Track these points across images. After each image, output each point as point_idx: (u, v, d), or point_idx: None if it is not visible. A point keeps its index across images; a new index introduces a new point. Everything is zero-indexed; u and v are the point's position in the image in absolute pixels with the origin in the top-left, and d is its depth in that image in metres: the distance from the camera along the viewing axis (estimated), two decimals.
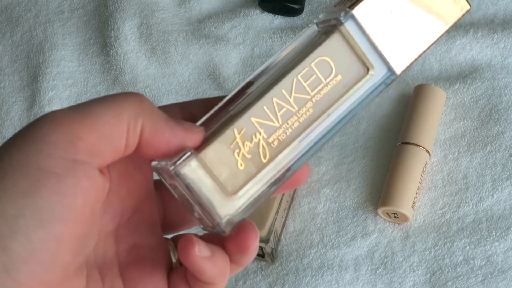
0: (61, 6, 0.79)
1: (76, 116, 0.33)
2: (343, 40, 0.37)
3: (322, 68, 0.37)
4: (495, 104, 0.70)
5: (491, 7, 0.75)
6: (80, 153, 0.32)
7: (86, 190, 0.33)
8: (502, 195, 0.66)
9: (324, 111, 0.37)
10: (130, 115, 0.34)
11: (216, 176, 0.36)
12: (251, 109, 0.36)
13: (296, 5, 0.76)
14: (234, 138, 0.36)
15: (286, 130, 0.37)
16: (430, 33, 0.38)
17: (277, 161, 0.36)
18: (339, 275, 0.64)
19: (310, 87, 0.37)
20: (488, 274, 0.63)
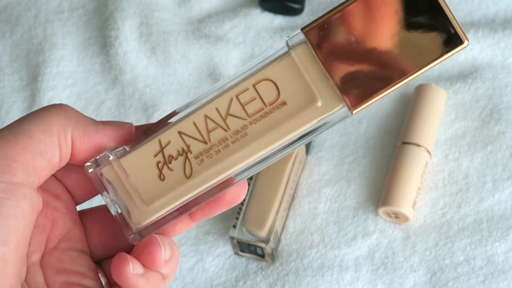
0: (61, 6, 0.79)
1: (8, 139, 0.34)
2: (293, 64, 0.33)
3: (266, 91, 0.33)
4: (496, 104, 0.69)
5: (492, 7, 0.75)
6: (17, 175, 0.33)
7: (26, 211, 0.34)
8: (503, 195, 0.66)
9: (261, 136, 0.33)
10: (59, 127, 0.35)
11: (132, 183, 0.35)
12: (180, 123, 0.34)
13: (296, 4, 0.76)
14: (158, 149, 0.34)
15: (216, 151, 0.34)
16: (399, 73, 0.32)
17: (200, 178, 0.34)
18: (339, 275, 0.64)
19: (249, 109, 0.33)
20: (489, 274, 0.63)
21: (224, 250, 0.66)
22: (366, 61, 0.31)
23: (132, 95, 0.74)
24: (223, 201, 0.37)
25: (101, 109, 0.74)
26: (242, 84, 0.33)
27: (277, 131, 0.33)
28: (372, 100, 0.32)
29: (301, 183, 0.68)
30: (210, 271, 0.66)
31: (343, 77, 0.32)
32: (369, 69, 0.31)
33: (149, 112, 0.73)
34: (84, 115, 0.37)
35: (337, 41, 0.32)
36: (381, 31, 0.31)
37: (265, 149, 0.34)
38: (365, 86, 0.32)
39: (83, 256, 0.39)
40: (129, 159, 0.35)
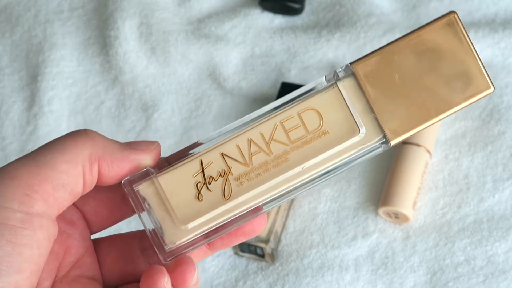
0: (60, 6, 0.79)
1: (29, 169, 0.34)
2: (338, 95, 0.35)
3: (310, 119, 0.35)
4: (496, 104, 0.69)
5: (492, 7, 0.75)
6: (35, 206, 0.33)
7: (41, 242, 0.34)
8: (503, 195, 0.66)
9: (301, 163, 0.35)
10: (84, 157, 0.35)
11: (168, 202, 0.35)
12: (224, 145, 0.35)
13: (296, 4, 0.76)
14: (198, 169, 0.35)
15: (256, 173, 0.35)
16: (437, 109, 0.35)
17: (238, 201, 0.35)
18: (339, 276, 0.64)
19: (292, 135, 0.35)
20: (489, 274, 0.63)
21: (224, 250, 0.66)
22: (407, 98, 0.34)
23: (132, 95, 0.74)
24: (243, 232, 0.37)
25: (101, 109, 0.74)
26: (287, 111, 0.35)
27: (317, 158, 0.35)
28: (409, 133, 0.35)
29: None
30: (210, 271, 0.66)
31: (385, 111, 0.34)
32: (409, 105, 0.34)
33: (149, 112, 0.73)
34: (111, 141, 0.36)
35: (383, 76, 0.34)
36: (423, 72, 0.34)
37: (304, 175, 0.35)
38: (403, 120, 0.34)
39: (93, 283, 0.38)
40: (167, 177, 0.35)
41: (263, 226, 0.37)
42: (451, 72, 0.34)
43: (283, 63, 0.74)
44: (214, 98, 0.74)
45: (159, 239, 0.36)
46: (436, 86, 0.34)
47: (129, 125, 0.73)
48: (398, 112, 0.34)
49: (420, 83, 0.34)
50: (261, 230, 0.37)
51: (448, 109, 0.34)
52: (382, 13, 0.75)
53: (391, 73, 0.34)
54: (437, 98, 0.34)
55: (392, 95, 0.34)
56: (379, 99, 0.34)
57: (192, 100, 0.74)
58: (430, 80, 0.34)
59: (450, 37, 0.34)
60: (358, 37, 0.74)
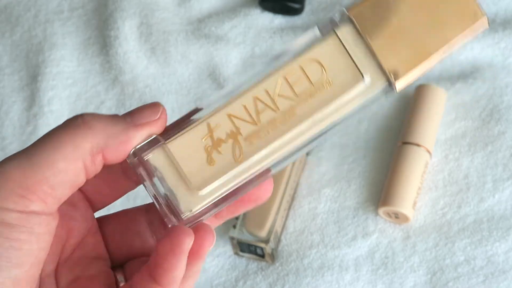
0: (60, 6, 0.79)
1: (24, 169, 0.33)
2: (338, 43, 0.34)
3: (312, 70, 0.34)
4: (496, 104, 0.69)
5: (492, 7, 0.75)
6: (32, 205, 0.33)
7: (41, 236, 0.33)
8: (503, 195, 0.66)
9: (309, 116, 0.34)
10: (85, 151, 0.33)
11: (181, 169, 0.34)
12: (230, 106, 0.34)
13: (296, 4, 0.76)
14: (206, 133, 0.34)
15: (265, 131, 0.34)
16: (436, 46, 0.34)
17: (250, 162, 0.34)
18: (339, 276, 0.64)
19: (296, 89, 0.34)
20: (489, 274, 0.63)
21: (224, 250, 0.66)
22: (406, 39, 0.34)
23: (132, 95, 0.74)
24: (251, 199, 0.36)
25: (101, 109, 0.74)
26: (288, 65, 0.34)
27: (324, 110, 0.34)
28: (412, 75, 0.34)
29: (301, 183, 0.68)
30: (210, 271, 0.66)
31: (386, 55, 0.34)
32: (409, 46, 0.34)
33: None
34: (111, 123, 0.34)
35: (380, 19, 0.34)
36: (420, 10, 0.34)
37: (313, 129, 0.34)
38: (406, 61, 0.34)
39: (96, 262, 0.38)
40: (176, 143, 0.34)
41: (269, 191, 0.36)
42: (446, 9, 0.34)
43: None
44: None
45: (174, 208, 0.34)
46: (433, 24, 0.34)
47: None
48: (400, 54, 0.34)
49: (417, 23, 0.34)
50: (267, 196, 0.36)
51: (445, 44, 0.34)
52: None
53: (388, 15, 0.34)
54: (435, 35, 0.34)
55: (391, 38, 0.34)
56: (378, 43, 0.34)
57: (192, 100, 0.74)
58: (426, 19, 0.34)
59: None
60: None
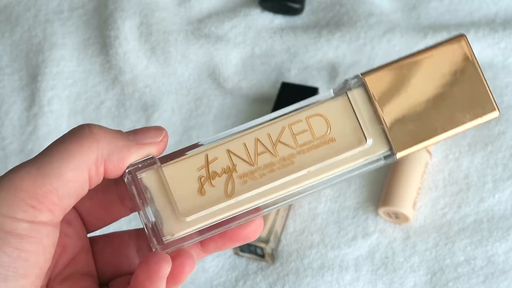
0: (60, 6, 0.79)
1: (35, 180, 0.33)
2: (347, 104, 0.35)
3: (318, 125, 0.35)
4: (497, 104, 0.69)
5: (492, 7, 0.75)
6: (41, 215, 0.34)
7: (47, 248, 0.34)
8: (503, 195, 0.66)
9: (306, 167, 0.35)
10: (91, 163, 0.34)
11: (171, 193, 0.35)
12: (230, 142, 0.35)
13: (296, 4, 0.76)
14: (203, 164, 0.35)
15: (260, 173, 0.35)
16: (443, 127, 0.35)
17: (240, 199, 0.35)
18: (339, 276, 0.64)
19: (299, 139, 0.35)
20: (489, 274, 0.63)
21: (224, 251, 0.66)
22: (414, 113, 0.35)
23: (132, 95, 0.74)
24: (239, 237, 0.37)
25: (101, 109, 0.74)
26: (296, 115, 0.35)
27: (322, 164, 0.35)
28: (414, 148, 0.35)
29: None
30: (210, 271, 0.66)
31: (393, 124, 0.35)
32: (416, 120, 0.35)
33: (149, 112, 0.73)
34: (115, 137, 0.35)
35: (392, 89, 0.35)
36: (432, 88, 0.35)
37: (307, 180, 0.35)
38: (411, 134, 0.35)
39: (86, 278, 0.39)
40: (172, 168, 0.35)
41: (258, 232, 0.37)
42: (458, 93, 0.35)
43: (283, 63, 0.74)
44: (214, 98, 0.74)
45: (157, 230, 0.35)
46: (444, 105, 0.35)
47: (129, 125, 0.73)
48: (406, 126, 0.35)
49: (428, 100, 0.35)
50: (256, 236, 0.37)
51: (453, 128, 0.35)
52: (382, 13, 0.75)
53: (401, 87, 0.35)
54: (444, 116, 0.35)
55: (400, 109, 0.35)
56: (387, 111, 0.35)
57: (192, 100, 0.74)
58: (438, 99, 0.35)
59: (460, 60, 0.35)
60: (358, 37, 0.74)
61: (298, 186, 0.35)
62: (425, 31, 0.73)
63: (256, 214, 0.36)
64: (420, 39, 0.73)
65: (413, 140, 0.35)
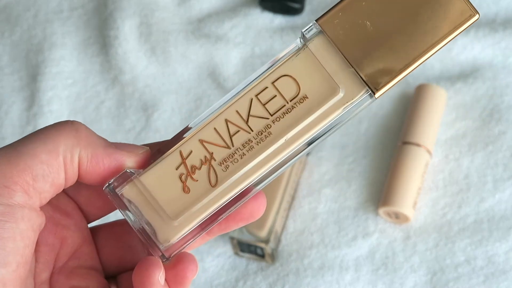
0: (60, 5, 0.79)
1: (9, 158, 0.33)
2: (311, 57, 0.33)
3: (286, 87, 0.33)
4: (497, 104, 0.69)
5: (493, 7, 0.75)
6: (16, 197, 0.33)
7: (25, 233, 0.33)
8: (504, 195, 0.66)
9: (285, 133, 0.33)
10: (66, 148, 0.34)
11: (155, 200, 0.34)
12: (201, 131, 0.33)
13: (296, 4, 0.76)
14: (180, 161, 0.33)
15: (240, 154, 0.33)
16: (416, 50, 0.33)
17: (226, 185, 0.33)
18: (339, 276, 0.64)
19: (270, 108, 0.33)
20: (490, 274, 0.63)
21: (224, 250, 0.66)
22: (383, 44, 0.32)
23: (132, 95, 0.74)
24: (243, 216, 0.36)
25: (101, 109, 0.74)
26: (260, 83, 0.33)
27: (301, 125, 0.33)
28: (392, 82, 0.33)
29: (301, 183, 0.68)
30: (210, 271, 0.66)
31: (363, 63, 0.32)
32: (387, 52, 0.32)
33: (149, 112, 0.73)
34: (97, 136, 0.35)
35: (352, 27, 0.32)
36: (395, 13, 0.32)
37: (292, 146, 0.33)
38: (384, 69, 0.32)
39: (92, 273, 0.38)
40: (150, 175, 0.34)
41: (262, 210, 0.35)
42: (427, 9, 0.32)
43: None
44: (214, 98, 0.74)
45: (152, 239, 0.34)
46: (411, 26, 0.32)
47: (129, 125, 0.73)
48: (377, 61, 0.32)
49: (394, 27, 0.32)
50: (261, 213, 0.36)
51: (429, 48, 0.32)
52: None
53: (361, 21, 0.32)
54: (415, 38, 0.32)
55: (366, 45, 0.32)
56: (354, 51, 0.32)
57: (192, 100, 0.74)
58: (404, 21, 0.32)
59: None
60: None
61: (283, 155, 0.33)
62: None
63: (250, 194, 0.35)
64: None
65: (389, 73, 0.33)
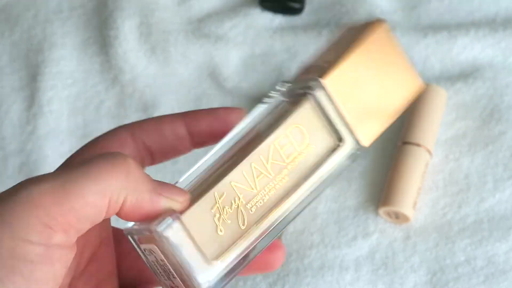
0: (60, 5, 0.79)
1: (55, 195, 0.31)
2: (314, 109, 0.37)
3: (296, 136, 0.37)
4: (497, 103, 0.69)
5: (493, 7, 0.75)
6: (56, 237, 0.32)
7: (58, 272, 0.32)
8: (504, 195, 0.66)
9: (299, 179, 0.37)
10: (114, 190, 0.33)
11: (196, 241, 0.35)
12: (231, 174, 0.36)
13: (296, 4, 0.76)
14: (214, 203, 0.35)
15: (264, 197, 0.36)
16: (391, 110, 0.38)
17: (254, 227, 0.36)
18: (339, 276, 0.64)
19: (285, 154, 0.37)
20: (490, 274, 0.63)
21: None
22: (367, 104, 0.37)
23: (132, 95, 0.74)
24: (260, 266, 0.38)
25: (100, 108, 0.74)
26: (277, 131, 0.37)
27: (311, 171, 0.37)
28: (380, 132, 0.38)
29: None
30: None
31: (356, 116, 0.37)
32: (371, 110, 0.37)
33: (149, 112, 0.73)
34: (144, 177, 0.34)
35: (347, 84, 0.37)
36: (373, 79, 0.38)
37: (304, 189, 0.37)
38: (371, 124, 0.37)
39: (111, 278, 0.38)
40: (188, 216, 0.35)
41: (280, 260, 0.38)
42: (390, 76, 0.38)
43: (283, 63, 0.74)
44: (214, 98, 0.74)
45: (191, 284, 0.35)
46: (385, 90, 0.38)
47: None
48: (366, 115, 0.37)
49: (373, 89, 0.37)
50: (279, 264, 0.38)
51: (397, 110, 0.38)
52: (382, 12, 0.75)
53: (351, 83, 0.37)
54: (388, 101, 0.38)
55: (356, 104, 0.37)
56: (347, 108, 0.37)
57: (192, 100, 0.74)
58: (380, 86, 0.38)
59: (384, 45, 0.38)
60: None
61: (299, 198, 0.37)
62: (425, 31, 0.73)
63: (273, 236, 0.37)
64: (421, 38, 0.73)
65: (376, 125, 0.37)
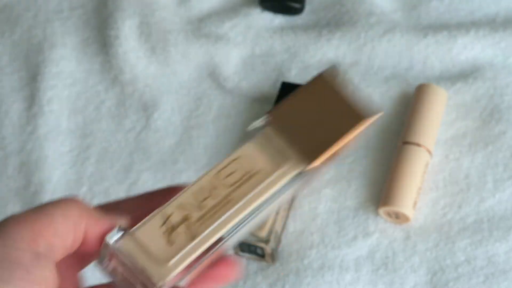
0: (60, 5, 0.79)
1: (34, 216, 0.38)
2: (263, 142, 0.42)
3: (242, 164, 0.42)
4: (497, 103, 0.69)
5: (493, 7, 0.75)
6: (40, 247, 0.37)
7: (48, 281, 0.37)
8: (504, 195, 0.66)
9: (242, 198, 0.42)
10: (75, 215, 0.39)
11: (147, 250, 0.40)
12: (182, 195, 0.42)
13: (296, 4, 0.76)
14: (163, 221, 0.41)
15: (211, 215, 0.42)
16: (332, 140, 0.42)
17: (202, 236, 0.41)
18: (340, 276, 0.64)
19: (231, 179, 0.42)
20: (490, 274, 0.63)
21: None
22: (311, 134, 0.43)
23: (132, 94, 0.74)
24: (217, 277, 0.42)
25: (101, 108, 0.74)
26: (225, 161, 0.43)
27: (254, 192, 0.42)
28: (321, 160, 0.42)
29: None
30: None
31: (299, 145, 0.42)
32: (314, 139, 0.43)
33: (149, 112, 0.73)
34: (94, 210, 0.40)
35: (290, 121, 0.43)
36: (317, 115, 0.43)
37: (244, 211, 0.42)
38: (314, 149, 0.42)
39: None
40: (139, 231, 0.41)
41: (234, 272, 0.42)
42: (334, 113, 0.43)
43: (283, 63, 0.74)
44: (214, 98, 0.74)
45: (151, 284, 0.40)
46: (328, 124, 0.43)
47: (129, 125, 0.73)
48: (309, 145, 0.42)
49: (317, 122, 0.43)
50: (233, 277, 0.42)
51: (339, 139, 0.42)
52: (382, 12, 0.75)
53: (296, 117, 0.43)
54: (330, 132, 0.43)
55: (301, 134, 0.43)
56: (294, 137, 0.42)
57: (192, 100, 0.74)
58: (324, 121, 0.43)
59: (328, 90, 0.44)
60: (358, 37, 0.73)
61: (240, 217, 0.42)
62: (425, 31, 0.73)
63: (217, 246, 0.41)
64: (420, 38, 0.73)
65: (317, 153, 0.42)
